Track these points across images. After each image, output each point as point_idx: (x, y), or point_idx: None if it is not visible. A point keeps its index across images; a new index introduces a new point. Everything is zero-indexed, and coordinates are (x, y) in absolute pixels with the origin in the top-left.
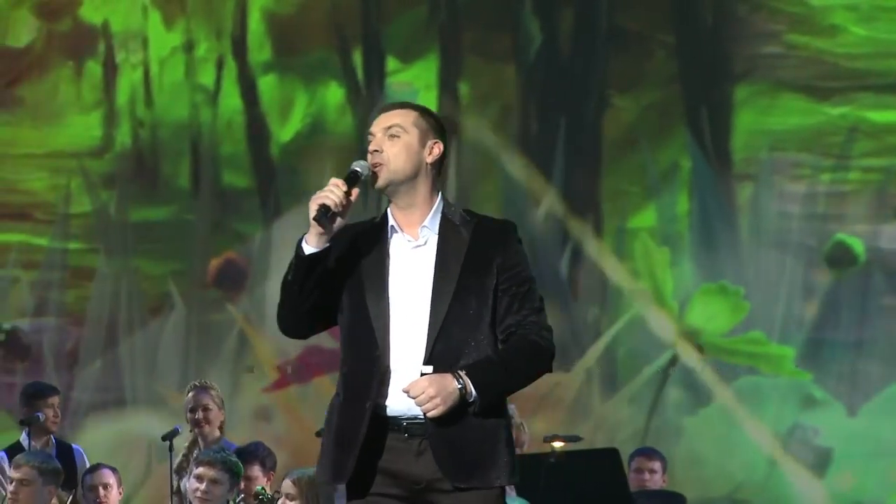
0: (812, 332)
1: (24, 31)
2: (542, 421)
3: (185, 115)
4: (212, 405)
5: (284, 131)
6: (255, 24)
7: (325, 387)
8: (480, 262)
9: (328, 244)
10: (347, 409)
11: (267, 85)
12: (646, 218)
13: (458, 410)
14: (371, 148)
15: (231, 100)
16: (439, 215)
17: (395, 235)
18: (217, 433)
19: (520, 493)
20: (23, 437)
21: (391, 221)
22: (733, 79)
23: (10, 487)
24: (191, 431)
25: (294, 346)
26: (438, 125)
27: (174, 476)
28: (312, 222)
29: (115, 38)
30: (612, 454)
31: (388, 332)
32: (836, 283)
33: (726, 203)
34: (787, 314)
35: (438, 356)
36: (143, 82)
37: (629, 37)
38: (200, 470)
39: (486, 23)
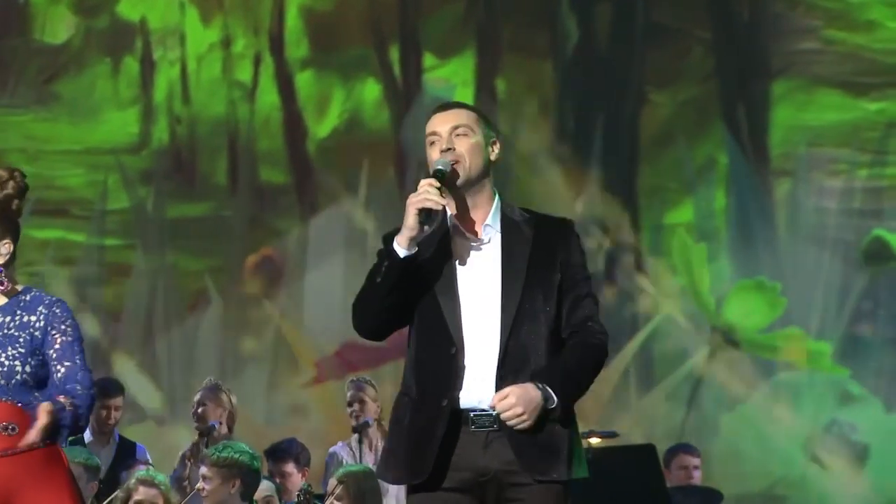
0: (849, 328)
1: (62, 27)
2: (578, 417)
3: (223, 112)
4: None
5: (321, 127)
6: (293, 20)
7: None
8: (545, 259)
9: (417, 247)
10: (422, 407)
11: (304, 81)
12: (683, 214)
13: (538, 419)
14: (444, 146)
15: (268, 96)
16: (499, 213)
17: (457, 235)
18: (224, 430)
19: None
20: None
21: (451, 221)
22: (770, 74)
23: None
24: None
25: (331, 342)
26: (494, 126)
27: (186, 461)
28: (412, 224)
29: (153, 34)
30: (648, 450)
31: (461, 331)
32: (873, 279)
33: (763, 199)
34: (824, 310)
35: (511, 353)
36: (180, 79)
37: (666, 33)
38: (201, 470)
39: (523, 19)
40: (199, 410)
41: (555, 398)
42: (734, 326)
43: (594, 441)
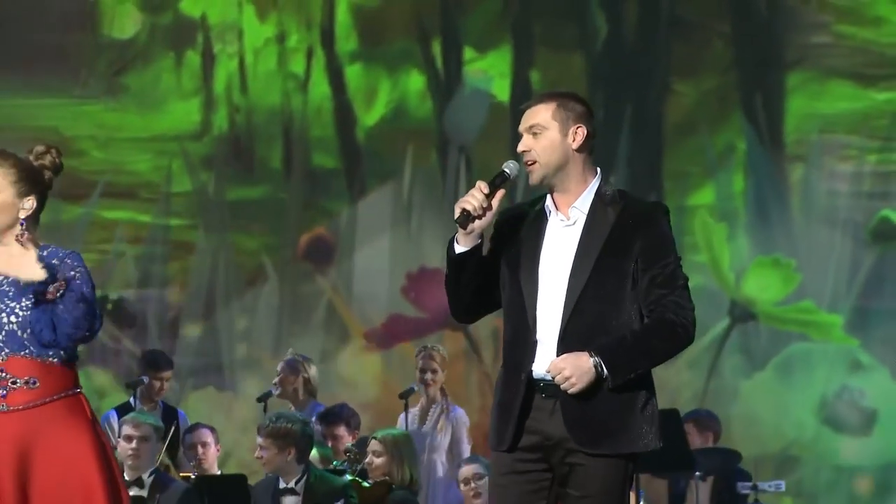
0: (859, 302)
1: (129, 24)
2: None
3: (278, 102)
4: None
5: (369, 116)
6: (343, 16)
7: (408, 352)
8: (622, 243)
9: (478, 241)
10: (508, 379)
11: (353, 73)
12: (704, 196)
13: (595, 383)
14: (520, 149)
15: (320, 87)
16: (592, 195)
17: (551, 215)
18: (301, 397)
19: None
20: (131, 399)
21: (548, 202)
22: (785, 66)
23: (132, 444)
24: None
25: (379, 314)
26: (579, 110)
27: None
28: (456, 224)
29: (213, 30)
30: (672, 415)
31: (535, 308)
32: (881, 256)
33: (779, 182)
34: (835, 285)
35: (573, 330)
36: (238, 71)
37: (689, 27)
38: (257, 439)
39: (555, 15)
40: (276, 381)
41: (604, 368)
42: (752, 300)
43: None
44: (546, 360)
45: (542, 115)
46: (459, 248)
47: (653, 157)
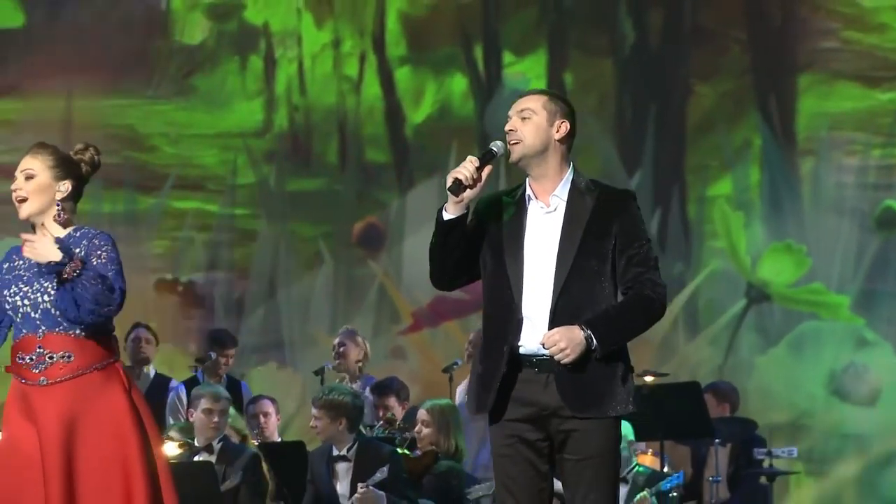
0: (864, 284)
1: (198, 30)
2: (634, 359)
3: (333, 102)
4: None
5: (417, 115)
6: (393, 23)
7: (452, 330)
8: (601, 227)
9: (464, 211)
10: (489, 350)
11: (402, 76)
12: (723, 187)
13: (580, 356)
14: (507, 128)
15: (372, 88)
16: (569, 185)
17: (531, 202)
18: (358, 369)
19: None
20: (198, 373)
21: (528, 191)
22: (797, 70)
23: (214, 418)
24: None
25: (425, 295)
26: (566, 108)
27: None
28: (448, 192)
29: (274, 36)
30: (694, 387)
31: (521, 287)
32: (884, 242)
33: (791, 175)
34: (843, 268)
35: (562, 307)
36: (297, 74)
37: (709, 34)
38: (312, 410)
39: (587, 22)
40: (341, 350)
41: (594, 340)
42: (767, 282)
43: (648, 379)
44: (535, 337)
45: (533, 102)
46: (448, 216)
47: (676, 153)
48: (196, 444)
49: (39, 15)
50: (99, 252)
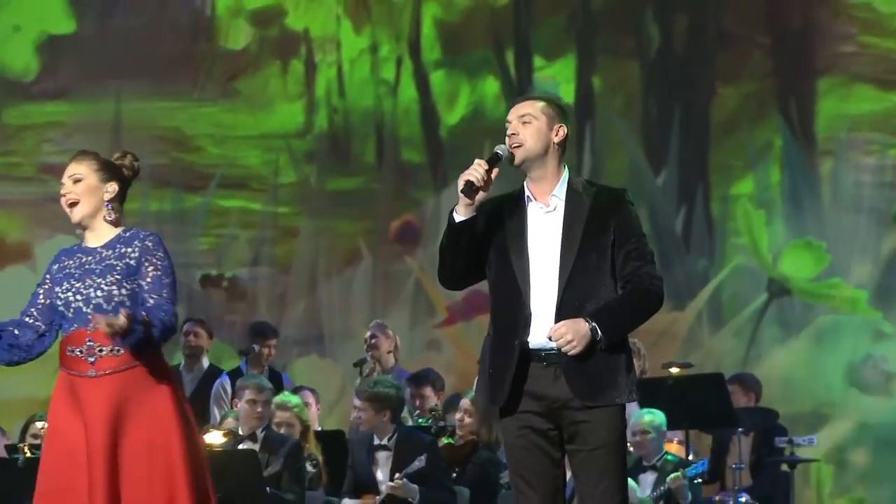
0: (881, 279)
1: (242, 36)
2: (661, 351)
3: (371, 104)
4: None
5: (451, 117)
6: (428, 29)
7: (485, 323)
8: (600, 224)
9: (474, 213)
10: (498, 345)
11: (437, 79)
12: (745, 186)
13: (586, 347)
14: (509, 132)
15: (408, 91)
16: (565, 185)
17: (530, 203)
18: (390, 361)
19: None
20: (241, 364)
21: (527, 192)
22: (817, 73)
23: (258, 408)
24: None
25: (461, 291)
26: (562, 112)
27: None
28: (460, 195)
29: (314, 42)
30: (717, 378)
31: (528, 283)
32: None
33: (811, 174)
34: (861, 264)
35: (567, 301)
36: (336, 77)
37: (732, 39)
38: (356, 402)
39: (614, 27)
40: (373, 342)
41: (599, 331)
42: (787, 277)
43: (674, 371)
44: (541, 331)
45: (533, 107)
46: (460, 218)
47: (700, 153)
48: (240, 432)
49: (90, 21)
50: (154, 259)
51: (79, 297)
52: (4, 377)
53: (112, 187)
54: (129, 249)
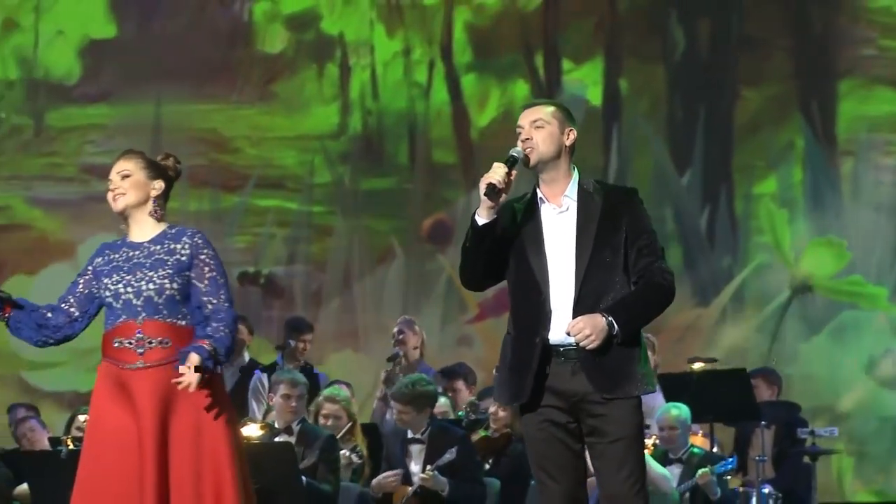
0: None
1: (278, 40)
2: (686, 346)
3: (404, 106)
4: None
5: (482, 118)
6: (459, 33)
7: None
8: (611, 221)
9: (496, 215)
10: (520, 343)
11: (468, 82)
12: (768, 186)
13: (604, 341)
14: (522, 137)
15: (440, 94)
16: (576, 186)
17: (543, 205)
18: (415, 356)
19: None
20: (278, 359)
21: (539, 194)
22: (838, 75)
23: (292, 402)
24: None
25: (491, 288)
26: (570, 116)
27: (382, 385)
28: (483, 197)
29: (349, 45)
30: (741, 373)
31: (547, 282)
32: None
33: (832, 174)
34: (880, 261)
35: (584, 297)
36: (370, 80)
37: (755, 42)
38: (395, 406)
39: (640, 31)
40: (400, 338)
41: (616, 325)
42: (809, 274)
43: (698, 366)
44: (560, 327)
45: (544, 112)
46: (483, 220)
47: (724, 153)
48: (276, 426)
49: (131, 26)
50: (207, 259)
51: (129, 289)
52: (48, 372)
53: (158, 185)
54: (179, 245)
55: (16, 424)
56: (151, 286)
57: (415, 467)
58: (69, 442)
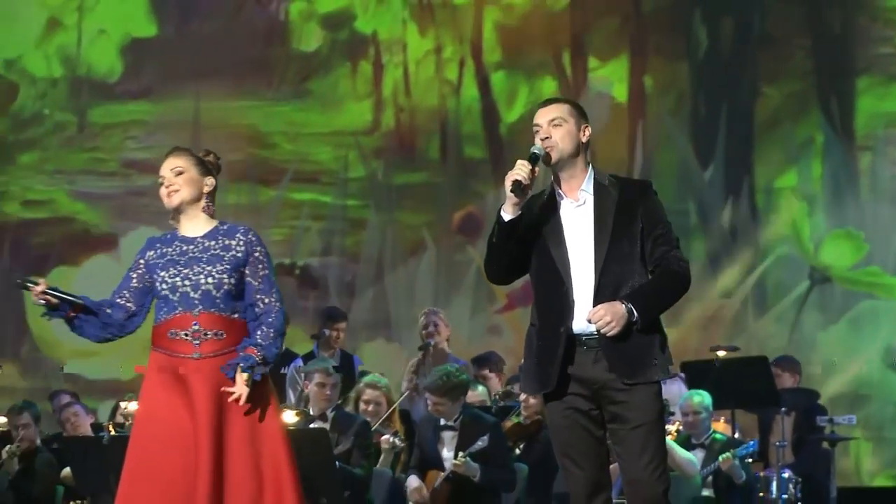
0: None
1: (314, 39)
2: (709, 335)
3: (435, 103)
4: (440, 325)
5: (510, 115)
6: (489, 32)
7: None
8: (628, 213)
9: (521, 211)
10: (545, 333)
11: (497, 79)
12: (788, 179)
13: (624, 327)
14: (542, 136)
15: (470, 91)
16: (592, 180)
17: (562, 200)
18: (445, 345)
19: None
20: (314, 348)
21: (557, 190)
22: (856, 73)
23: (326, 391)
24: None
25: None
26: (584, 113)
27: (412, 375)
28: (509, 194)
29: (382, 44)
30: (762, 361)
31: (569, 273)
32: None
33: (850, 168)
34: None
35: (604, 287)
36: (403, 78)
37: (775, 41)
38: (430, 398)
39: (665, 30)
40: (432, 329)
41: (635, 312)
42: (828, 266)
43: (721, 354)
44: (582, 317)
45: (561, 111)
46: (508, 216)
47: (745, 148)
48: (311, 413)
49: (171, 26)
50: (261, 257)
51: (187, 282)
52: (91, 361)
53: (210, 181)
54: (234, 242)
55: (60, 410)
56: (210, 280)
57: (447, 453)
58: (111, 428)
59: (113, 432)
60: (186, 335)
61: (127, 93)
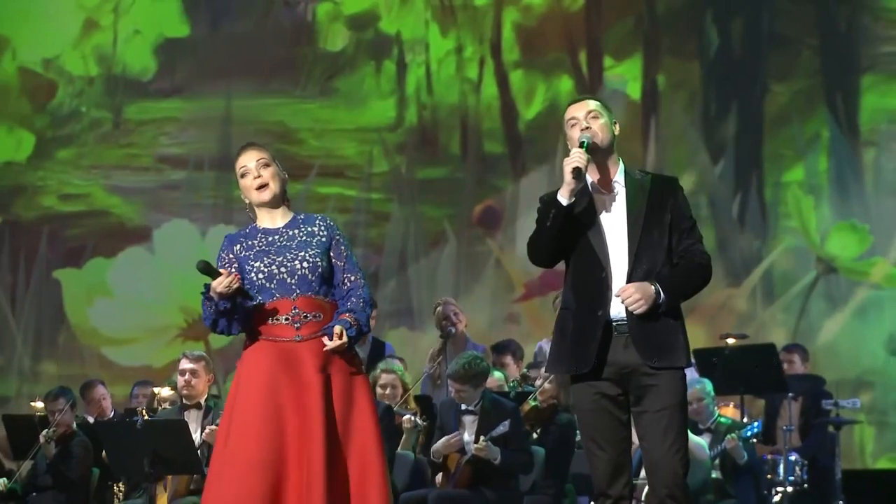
0: None
1: (339, 39)
2: (719, 324)
3: (456, 101)
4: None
5: (529, 112)
6: (508, 32)
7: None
8: (658, 205)
9: (575, 197)
10: (582, 316)
11: (516, 78)
12: (796, 174)
13: (652, 312)
14: (582, 127)
15: (490, 89)
16: (623, 173)
17: (595, 191)
18: (464, 333)
19: (701, 376)
20: None
21: (590, 181)
22: (861, 71)
23: None
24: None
25: (536, 268)
26: (612, 112)
27: (432, 361)
28: (571, 180)
29: (405, 44)
30: (770, 348)
31: (608, 259)
32: None
33: (855, 162)
34: None
35: (637, 273)
36: (425, 76)
37: (784, 40)
38: (453, 385)
39: (677, 30)
40: (453, 318)
41: (662, 293)
42: (834, 256)
43: (730, 341)
44: (618, 301)
45: (595, 105)
46: (566, 201)
47: (754, 143)
48: None
49: (202, 26)
50: (340, 239)
51: (283, 269)
52: (124, 348)
53: (285, 175)
54: (315, 228)
55: (86, 392)
56: (305, 265)
57: (468, 437)
58: (144, 413)
59: (146, 417)
60: (287, 319)
61: (160, 91)
